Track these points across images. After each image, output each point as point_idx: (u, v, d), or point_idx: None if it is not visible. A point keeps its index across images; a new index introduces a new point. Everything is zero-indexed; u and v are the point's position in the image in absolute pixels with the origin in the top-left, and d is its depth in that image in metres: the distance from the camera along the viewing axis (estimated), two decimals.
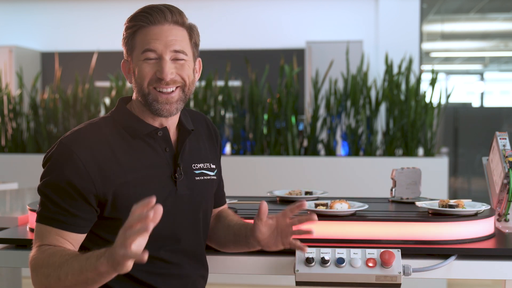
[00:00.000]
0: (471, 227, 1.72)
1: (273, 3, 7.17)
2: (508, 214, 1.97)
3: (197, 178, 1.55)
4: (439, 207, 1.77)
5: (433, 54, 12.68)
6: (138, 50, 1.45)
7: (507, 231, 1.90)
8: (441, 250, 1.65)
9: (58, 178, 1.38)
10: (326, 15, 7.07)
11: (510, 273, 1.62)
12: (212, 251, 1.70)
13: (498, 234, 1.85)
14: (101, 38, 7.23)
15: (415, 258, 1.64)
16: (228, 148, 4.65)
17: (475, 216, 1.74)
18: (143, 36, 1.44)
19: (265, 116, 4.47)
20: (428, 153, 4.34)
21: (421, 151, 4.51)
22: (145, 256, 1.09)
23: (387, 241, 1.69)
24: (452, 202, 1.77)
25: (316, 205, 1.79)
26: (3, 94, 4.81)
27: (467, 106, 10.50)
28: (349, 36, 6.72)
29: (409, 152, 4.29)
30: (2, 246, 1.76)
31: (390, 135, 4.35)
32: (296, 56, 6.14)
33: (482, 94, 14.30)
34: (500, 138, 2.02)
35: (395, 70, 5.62)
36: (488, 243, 1.71)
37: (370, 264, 1.58)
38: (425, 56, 12.28)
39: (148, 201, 1.12)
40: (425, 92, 4.35)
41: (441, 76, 14.37)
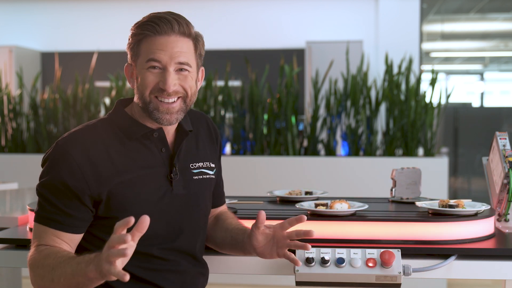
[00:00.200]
0: (471, 227, 1.72)
1: (273, 3, 7.17)
2: (508, 214, 1.97)
3: (195, 178, 1.56)
4: (439, 207, 1.77)
5: (433, 54, 12.67)
6: (143, 58, 1.46)
7: (507, 231, 1.90)
8: (441, 250, 1.65)
9: (54, 179, 1.40)
10: (326, 15, 7.07)
11: (510, 273, 1.63)
12: (212, 251, 1.70)
13: (498, 234, 1.85)
14: (101, 38, 7.24)
15: (415, 258, 1.64)
16: (228, 148, 4.64)
17: (475, 216, 1.74)
18: (149, 45, 1.45)
19: (265, 116, 4.47)
20: (428, 153, 4.34)
21: (421, 151, 4.51)
22: (126, 277, 1.13)
23: (387, 241, 1.69)
24: (452, 202, 1.77)
25: (316, 205, 1.79)
26: (3, 94, 4.81)
27: (467, 106, 10.50)
28: (349, 36, 6.72)
29: (409, 152, 4.29)
30: (2, 246, 1.77)
31: (390, 135, 4.35)
32: (296, 56, 6.14)
33: (482, 94, 14.29)
34: (500, 138, 2.02)
35: (395, 70, 5.61)
36: (488, 243, 1.71)
37: (370, 264, 1.58)
38: (425, 56, 12.28)
39: (128, 221, 1.14)
40: (425, 92, 4.35)
41: (441, 76, 14.37)
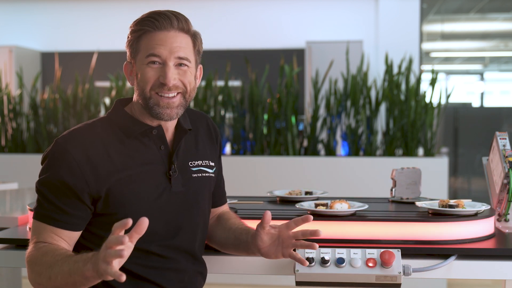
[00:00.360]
0: (471, 227, 1.72)
1: (273, 3, 7.17)
2: (508, 214, 1.97)
3: (194, 176, 1.57)
4: (439, 207, 1.77)
5: (433, 54, 12.67)
6: (143, 54, 1.47)
7: (507, 231, 1.90)
8: (441, 250, 1.65)
9: (53, 177, 1.41)
10: (326, 15, 7.07)
11: (510, 273, 1.62)
12: (212, 251, 1.70)
13: (498, 234, 1.85)
14: (101, 38, 7.24)
15: (415, 258, 1.64)
16: (228, 148, 4.64)
17: (475, 216, 1.74)
18: (148, 41, 1.46)
19: (265, 116, 4.47)
20: (428, 153, 4.34)
21: (421, 151, 4.51)
22: (123, 278, 1.13)
23: (387, 241, 1.69)
24: (452, 202, 1.77)
25: (316, 205, 1.79)
26: (3, 94, 4.81)
27: (467, 106, 10.50)
28: (349, 36, 6.72)
29: (409, 152, 4.29)
30: (2, 246, 1.77)
31: (390, 135, 4.35)
32: (296, 56, 6.14)
33: (482, 94, 14.30)
34: (500, 138, 2.02)
35: (395, 70, 5.61)
36: (488, 243, 1.71)
37: (370, 264, 1.58)
38: (425, 56, 12.28)
39: (126, 222, 1.15)
40: (425, 92, 4.35)
41: (441, 76, 14.37)
